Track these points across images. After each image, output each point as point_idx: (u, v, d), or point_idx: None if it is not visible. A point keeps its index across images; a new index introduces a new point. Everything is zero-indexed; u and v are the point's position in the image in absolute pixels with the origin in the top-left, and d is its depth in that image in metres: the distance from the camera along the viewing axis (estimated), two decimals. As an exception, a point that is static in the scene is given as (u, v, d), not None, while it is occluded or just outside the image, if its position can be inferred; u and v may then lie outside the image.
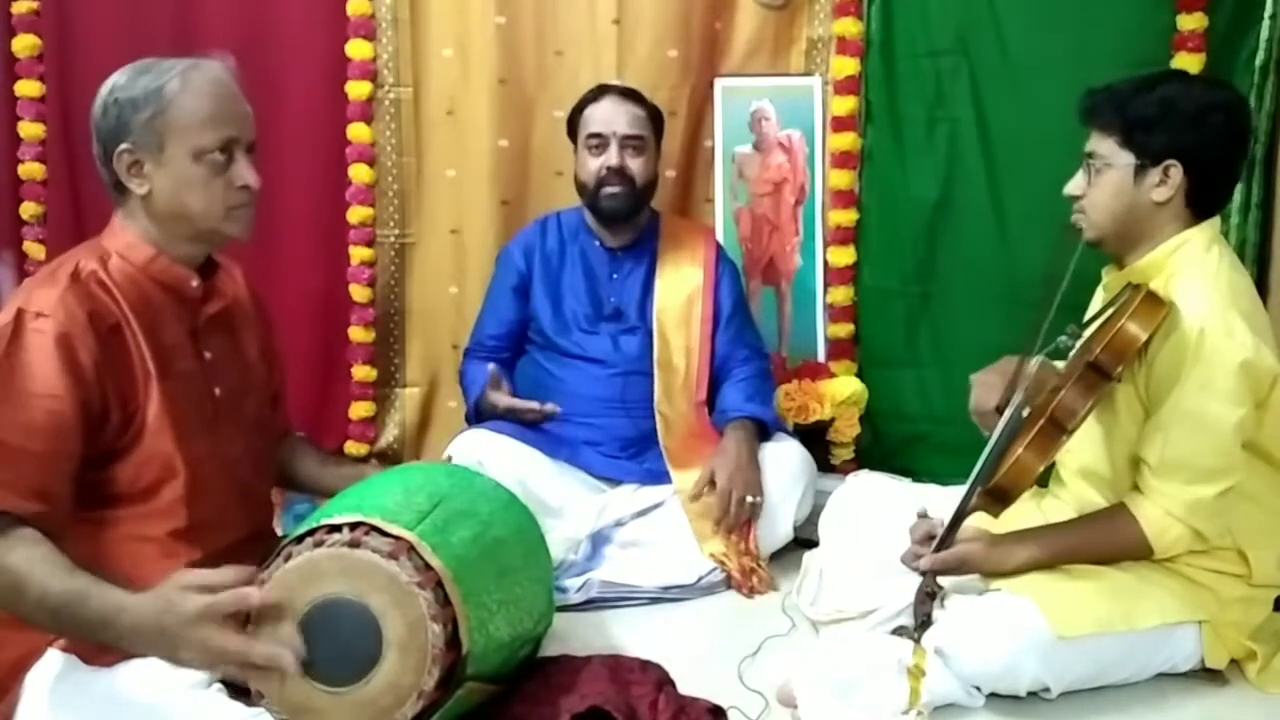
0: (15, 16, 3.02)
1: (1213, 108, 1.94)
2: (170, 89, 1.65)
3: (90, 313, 1.59)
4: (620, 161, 2.65)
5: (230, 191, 1.69)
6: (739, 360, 2.75)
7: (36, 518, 1.50)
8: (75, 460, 1.56)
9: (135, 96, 1.65)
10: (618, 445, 2.64)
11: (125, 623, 1.41)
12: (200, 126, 1.66)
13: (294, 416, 2.14)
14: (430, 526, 1.54)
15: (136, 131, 1.65)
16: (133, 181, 1.68)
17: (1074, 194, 2.04)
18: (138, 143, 1.66)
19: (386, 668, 1.44)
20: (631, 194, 2.67)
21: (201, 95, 1.66)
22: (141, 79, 1.67)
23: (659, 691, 1.73)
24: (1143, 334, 1.86)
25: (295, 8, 3.03)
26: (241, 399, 1.80)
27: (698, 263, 2.78)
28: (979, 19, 2.77)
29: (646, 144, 2.69)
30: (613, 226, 2.75)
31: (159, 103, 1.64)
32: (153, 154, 1.66)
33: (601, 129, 2.66)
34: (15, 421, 1.52)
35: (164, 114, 1.65)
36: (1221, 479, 1.89)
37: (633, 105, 2.69)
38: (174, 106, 1.65)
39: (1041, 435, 1.87)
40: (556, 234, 2.82)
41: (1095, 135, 2.01)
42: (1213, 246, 1.99)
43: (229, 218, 1.70)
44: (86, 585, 1.44)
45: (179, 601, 1.39)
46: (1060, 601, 1.88)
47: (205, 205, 1.68)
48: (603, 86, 2.75)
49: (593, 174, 2.67)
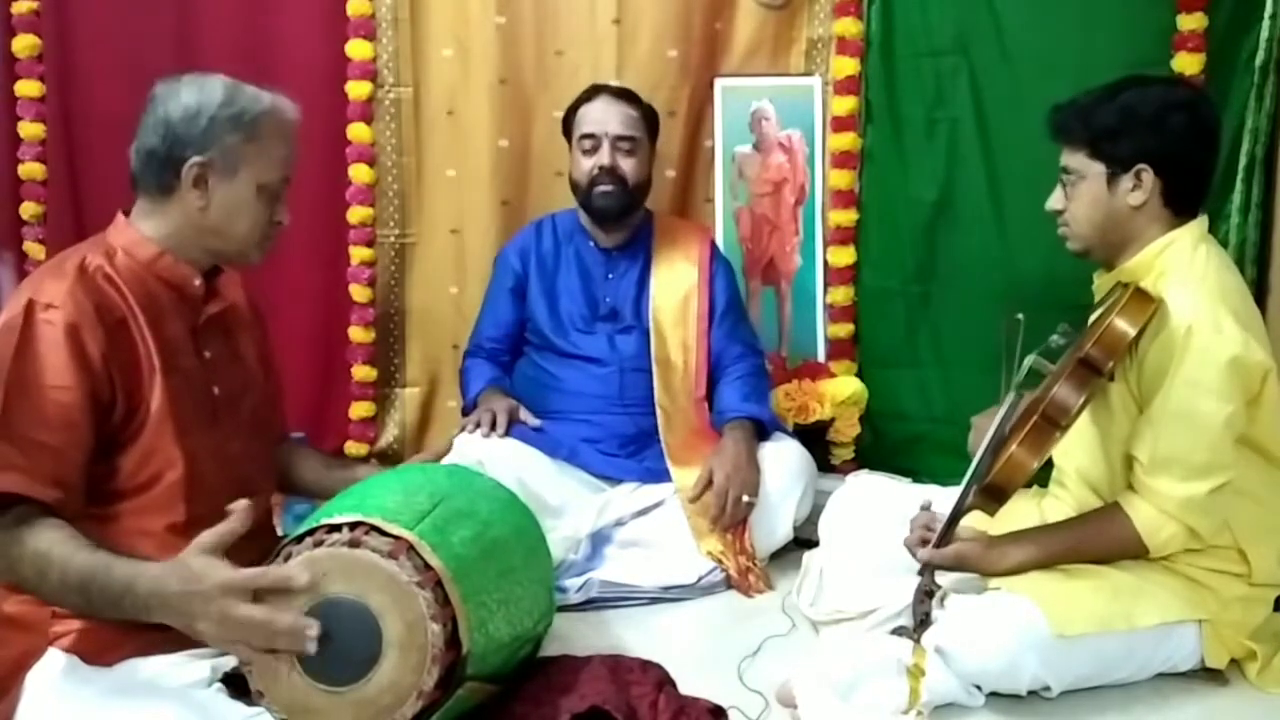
0: (15, 16, 3.02)
1: (1172, 107, 1.97)
2: (265, 122, 1.71)
3: (98, 305, 1.60)
4: (612, 161, 2.65)
5: (268, 225, 1.76)
6: (734, 357, 2.75)
7: (56, 504, 1.52)
8: (86, 450, 1.57)
9: (234, 115, 1.68)
10: (617, 443, 2.64)
11: (144, 589, 1.43)
12: (273, 163, 1.73)
13: (294, 416, 2.14)
14: (430, 526, 1.54)
15: (221, 149, 1.68)
16: (193, 193, 1.69)
17: (1055, 209, 2.09)
18: (215, 159, 1.68)
19: (386, 667, 1.44)
20: (624, 193, 2.67)
21: (281, 135, 1.74)
22: (240, 100, 1.69)
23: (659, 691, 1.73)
24: (1132, 329, 1.88)
25: (295, 8, 3.03)
26: (240, 399, 1.81)
27: (692, 260, 2.79)
28: (979, 19, 2.77)
29: (639, 145, 2.69)
30: (606, 226, 2.75)
31: (252, 130, 1.69)
32: (226, 174, 1.69)
33: (594, 129, 2.67)
34: (29, 413, 1.54)
35: (252, 142, 1.70)
36: (1213, 475, 1.89)
37: (626, 106, 2.69)
38: (261, 138, 1.70)
39: (1035, 432, 1.88)
40: (551, 235, 2.83)
41: (1066, 150, 2.06)
42: (1200, 245, 2.01)
43: (259, 247, 1.77)
44: (107, 558, 1.46)
45: (201, 571, 1.40)
46: (1060, 600, 1.88)
47: (248, 232, 1.73)
48: (596, 87, 2.75)
49: (585, 173, 2.68)
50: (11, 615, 1.58)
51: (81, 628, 1.56)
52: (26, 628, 1.57)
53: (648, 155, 2.73)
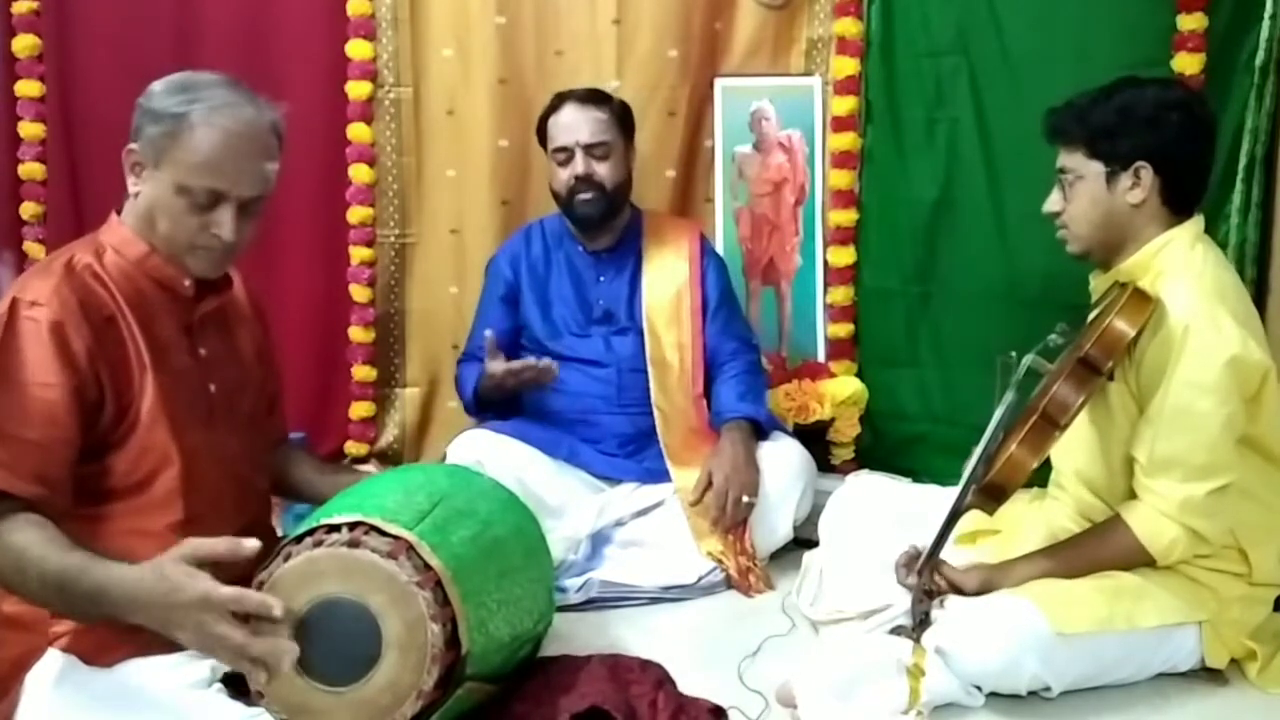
0: (15, 16, 3.02)
1: (1169, 106, 1.98)
2: (191, 119, 1.65)
3: (84, 303, 1.60)
4: (587, 169, 2.63)
5: (202, 233, 1.68)
6: (729, 354, 2.74)
7: (38, 501, 1.52)
8: (73, 448, 1.56)
9: (158, 110, 1.67)
10: (616, 444, 2.64)
11: (119, 595, 1.42)
12: (194, 168, 1.65)
13: (294, 416, 2.14)
14: (430, 526, 1.54)
15: (145, 140, 1.67)
16: (130, 179, 1.70)
17: (1053, 210, 2.09)
18: (143, 150, 1.68)
19: (386, 667, 1.44)
20: (603, 198, 2.66)
21: (211, 142, 1.65)
22: (174, 97, 1.67)
23: (659, 691, 1.73)
24: (1131, 329, 1.88)
25: (295, 8, 3.03)
26: (237, 396, 1.80)
27: (682, 255, 2.77)
28: (979, 19, 2.77)
29: (612, 147, 2.66)
30: (591, 231, 2.74)
31: (174, 126, 1.65)
32: (150, 167, 1.68)
33: (565, 141, 2.65)
34: (10, 408, 1.53)
35: (172, 137, 1.65)
36: (1213, 476, 1.89)
37: (594, 110, 2.65)
38: (183, 136, 1.65)
39: (1035, 431, 1.88)
40: (541, 241, 2.82)
41: (1063, 151, 2.06)
42: (1196, 244, 2.01)
43: (192, 253, 1.70)
44: (82, 560, 1.45)
45: (181, 582, 1.39)
46: (1060, 600, 1.88)
47: (170, 232, 1.68)
48: (561, 95, 2.71)
49: (564, 184, 2.66)
50: (11, 615, 1.59)
51: (79, 627, 1.56)
52: (26, 628, 1.57)
53: (623, 155, 2.70)
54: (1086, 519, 2.08)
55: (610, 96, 2.73)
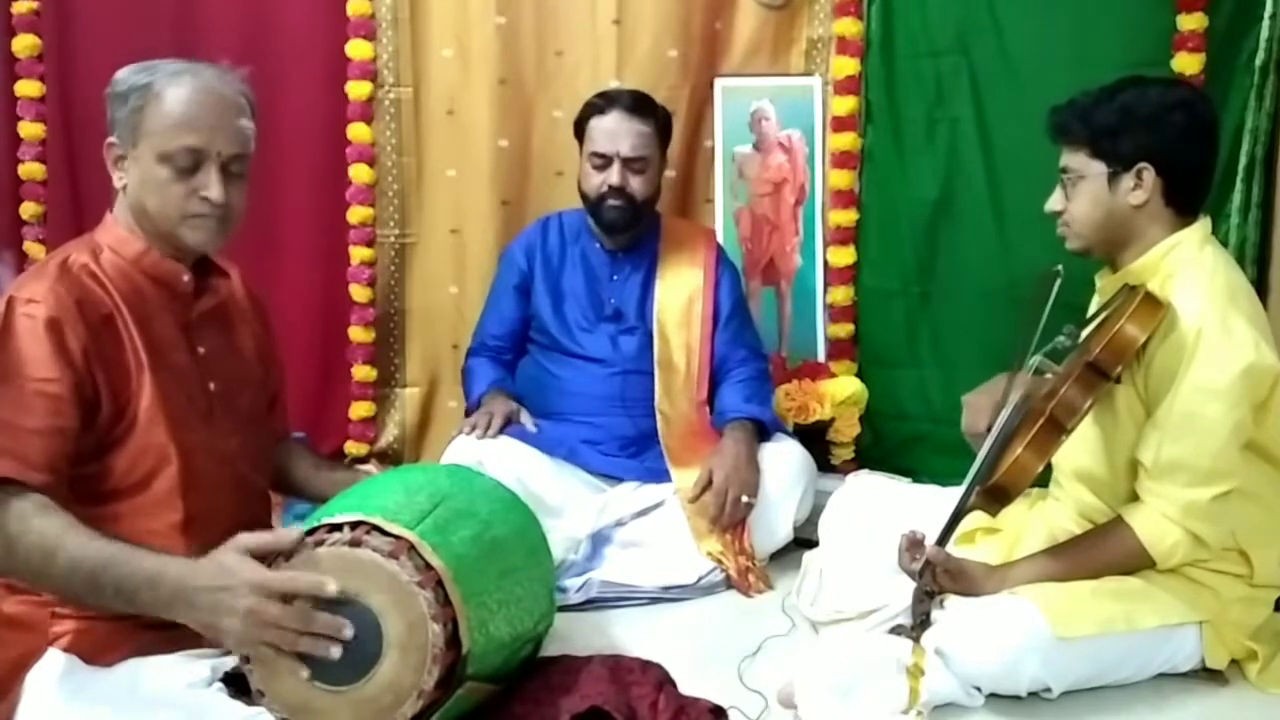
0: (15, 16, 3.03)
1: (1171, 107, 1.97)
2: (155, 89, 1.66)
3: (80, 301, 1.60)
4: (622, 181, 2.63)
5: (191, 199, 1.67)
6: (737, 361, 2.74)
7: (48, 489, 1.51)
8: (73, 441, 1.56)
9: (123, 91, 1.68)
10: (617, 444, 2.64)
11: (171, 580, 1.43)
12: (168, 130, 1.65)
13: (294, 416, 2.14)
14: (431, 526, 1.54)
15: (120, 125, 1.68)
16: (115, 173, 1.71)
17: (1055, 209, 2.08)
18: (119, 136, 1.69)
19: (387, 667, 1.44)
20: (632, 209, 2.66)
21: (180, 100, 1.65)
22: (135, 76, 1.68)
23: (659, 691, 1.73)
24: (1141, 335, 1.87)
25: (295, 8, 3.04)
26: (237, 394, 1.80)
27: (698, 264, 2.78)
28: (979, 19, 2.77)
29: (650, 163, 2.66)
30: (614, 234, 2.75)
31: (141, 99, 1.66)
32: (129, 149, 1.68)
33: (605, 149, 2.63)
34: (12, 401, 1.53)
35: (142, 111, 1.66)
36: (1218, 482, 1.88)
37: (639, 123, 2.63)
38: (151, 106, 1.66)
39: (1041, 434, 1.87)
40: (558, 234, 2.82)
41: (1066, 151, 2.05)
42: (1205, 246, 2.00)
43: (186, 224, 1.68)
44: (127, 547, 1.47)
45: (235, 567, 1.42)
46: (1060, 602, 1.88)
47: (160, 207, 1.67)
48: (610, 97, 2.68)
49: (595, 188, 2.65)
50: (11, 615, 1.58)
51: (79, 627, 1.56)
52: (26, 628, 1.57)
53: (657, 168, 2.70)
54: (1087, 520, 2.08)
55: (656, 106, 2.70)
